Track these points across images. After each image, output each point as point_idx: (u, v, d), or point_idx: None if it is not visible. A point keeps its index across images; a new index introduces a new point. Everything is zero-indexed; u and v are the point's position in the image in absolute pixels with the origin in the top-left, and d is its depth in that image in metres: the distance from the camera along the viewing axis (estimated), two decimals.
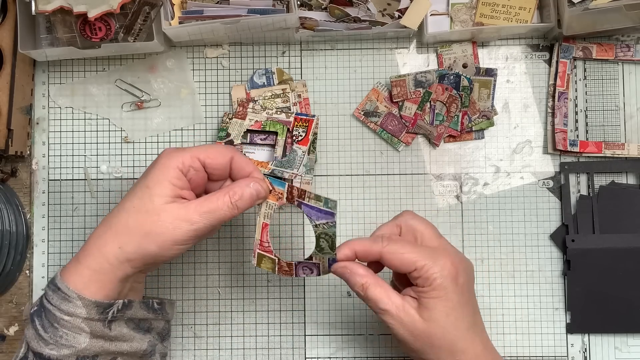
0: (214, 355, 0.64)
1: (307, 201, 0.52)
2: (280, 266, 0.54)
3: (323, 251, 0.52)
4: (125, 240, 0.48)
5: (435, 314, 0.49)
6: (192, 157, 0.49)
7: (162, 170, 0.48)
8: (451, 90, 0.63)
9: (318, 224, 0.51)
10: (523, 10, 0.63)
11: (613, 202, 0.63)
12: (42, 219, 0.65)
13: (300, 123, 0.62)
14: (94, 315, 0.47)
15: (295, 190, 0.52)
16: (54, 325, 0.47)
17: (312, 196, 0.51)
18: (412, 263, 0.49)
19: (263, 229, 0.53)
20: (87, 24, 0.60)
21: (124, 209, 0.48)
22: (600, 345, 0.63)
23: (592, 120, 0.64)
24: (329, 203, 0.51)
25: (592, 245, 0.62)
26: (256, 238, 0.53)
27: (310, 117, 0.63)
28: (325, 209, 0.51)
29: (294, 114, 0.63)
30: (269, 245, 0.53)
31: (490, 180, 0.64)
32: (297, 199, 0.52)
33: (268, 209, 0.53)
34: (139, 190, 0.48)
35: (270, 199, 0.53)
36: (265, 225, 0.54)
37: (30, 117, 0.66)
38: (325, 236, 0.51)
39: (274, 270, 0.54)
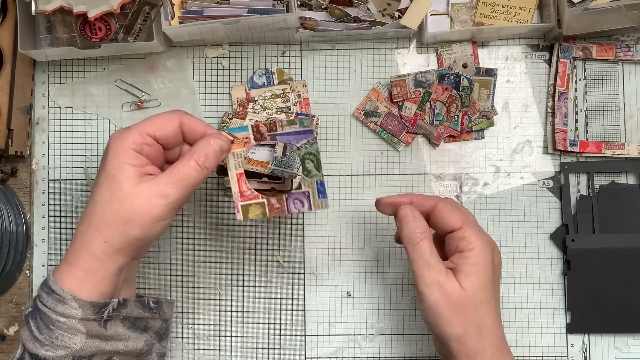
0: (214, 355, 0.64)
1: (280, 131, 0.52)
2: (271, 205, 0.53)
3: (310, 174, 0.53)
4: (108, 233, 0.47)
5: (473, 283, 0.50)
6: (141, 134, 0.48)
7: (117, 155, 0.48)
8: (451, 90, 0.63)
9: (299, 145, 0.52)
10: (523, 10, 0.63)
11: (613, 202, 0.63)
12: (42, 219, 0.65)
13: None
14: (89, 315, 0.47)
15: (262, 127, 0.52)
16: (49, 327, 0.47)
17: (285, 123, 0.52)
18: (460, 221, 0.51)
19: (239, 179, 0.53)
20: (87, 24, 0.60)
21: (97, 204, 0.48)
22: (600, 345, 0.63)
23: (592, 120, 0.64)
24: (304, 122, 0.52)
25: (592, 245, 0.62)
26: (234, 192, 0.53)
27: (311, 117, 0.62)
28: (302, 129, 0.52)
29: (294, 114, 0.62)
30: (251, 192, 0.53)
31: (490, 180, 0.64)
32: (269, 133, 0.52)
33: (237, 159, 0.53)
34: (103, 181, 0.48)
35: (236, 148, 0.53)
36: (241, 175, 0.53)
37: (30, 117, 0.66)
38: (310, 155, 0.52)
39: (264, 215, 0.53)
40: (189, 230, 0.65)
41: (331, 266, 0.64)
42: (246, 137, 0.52)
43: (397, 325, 0.64)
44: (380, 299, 0.64)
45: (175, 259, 0.65)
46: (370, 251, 0.64)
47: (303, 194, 0.53)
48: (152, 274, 0.65)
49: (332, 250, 0.64)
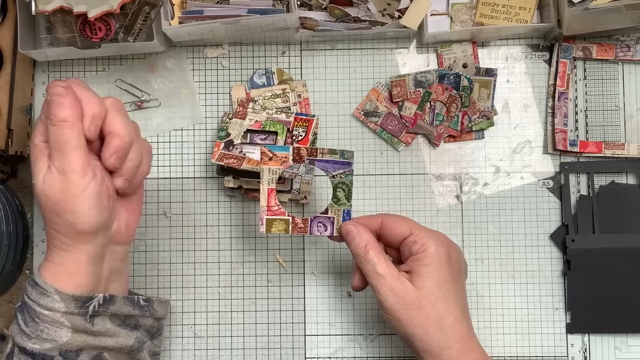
0: (214, 355, 0.64)
1: (320, 157, 0.55)
2: (295, 224, 0.56)
3: (339, 202, 0.56)
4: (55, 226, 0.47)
5: (427, 282, 0.51)
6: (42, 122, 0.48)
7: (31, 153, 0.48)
8: (451, 90, 0.63)
9: (335, 174, 0.55)
10: (523, 10, 0.63)
11: (613, 202, 0.63)
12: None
13: (300, 123, 0.62)
14: (72, 309, 0.47)
15: (303, 151, 0.55)
16: (35, 319, 0.47)
17: (326, 151, 0.55)
18: (409, 228, 0.53)
19: (269, 194, 0.55)
20: (87, 24, 0.60)
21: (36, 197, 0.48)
22: (600, 345, 0.63)
23: (592, 120, 0.64)
24: (345, 154, 0.55)
25: (592, 245, 0.62)
26: (262, 205, 0.55)
27: (310, 117, 0.63)
28: (342, 160, 0.55)
29: (294, 114, 0.63)
30: (279, 208, 0.55)
31: (490, 180, 0.64)
32: (308, 157, 0.55)
33: (272, 174, 0.55)
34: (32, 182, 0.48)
35: (273, 164, 0.55)
36: (272, 190, 0.55)
37: (30, 117, 0.65)
38: (342, 185, 0.55)
39: (287, 231, 0.56)
40: (189, 230, 0.65)
41: (331, 266, 0.64)
42: (285, 157, 0.55)
43: None
44: None
45: (175, 259, 0.65)
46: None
47: (328, 219, 0.56)
48: (152, 274, 0.65)
49: (332, 250, 0.64)
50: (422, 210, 0.64)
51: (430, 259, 0.51)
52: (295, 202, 0.64)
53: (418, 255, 0.52)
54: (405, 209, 0.64)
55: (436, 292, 0.50)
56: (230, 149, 0.62)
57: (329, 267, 0.64)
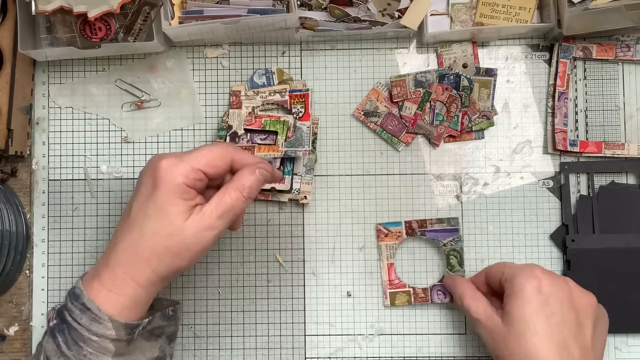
0: (214, 355, 0.64)
1: (430, 227, 0.61)
2: (416, 294, 0.61)
3: (454, 269, 0.61)
4: (157, 263, 0.48)
5: (513, 318, 0.51)
6: (194, 169, 0.48)
7: (169, 189, 0.47)
8: (451, 90, 0.63)
9: (445, 242, 0.60)
10: (523, 10, 0.63)
11: (613, 202, 0.63)
12: (42, 219, 0.65)
13: (297, 99, 0.63)
14: (122, 336, 0.47)
15: (414, 224, 0.61)
16: (79, 344, 0.47)
17: (434, 221, 0.61)
18: (501, 268, 0.55)
19: (389, 269, 0.61)
20: (87, 24, 0.60)
21: (146, 235, 0.47)
22: None
23: (592, 120, 0.64)
24: (451, 222, 0.61)
25: (592, 245, 0.62)
26: (384, 280, 0.62)
27: (304, 92, 0.63)
28: (449, 227, 0.61)
29: (288, 92, 0.63)
30: (399, 281, 0.61)
31: (490, 180, 0.64)
32: (419, 229, 0.61)
33: (389, 250, 0.61)
34: (153, 214, 0.47)
35: (389, 241, 0.61)
36: (391, 265, 0.61)
37: (30, 117, 0.66)
38: (454, 252, 0.60)
39: (409, 302, 0.61)
40: None
41: (331, 266, 0.64)
42: (399, 232, 0.60)
43: (397, 325, 0.64)
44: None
45: None
46: (370, 251, 0.64)
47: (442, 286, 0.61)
48: None
49: (332, 250, 0.64)
50: (422, 210, 0.64)
51: (516, 294, 0.52)
52: (295, 202, 0.64)
53: (507, 292, 0.53)
54: (405, 209, 0.64)
55: (522, 327, 0.51)
56: (237, 140, 0.62)
57: (329, 267, 0.64)
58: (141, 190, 0.49)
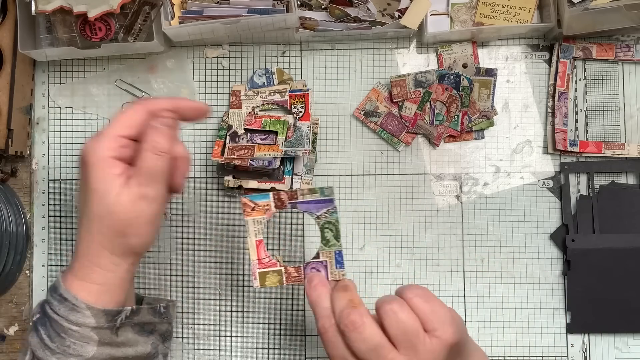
0: (214, 355, 0.64)
1: (301, 199, 0.52)
2: (289, 274, 0.53)
3: (329, 243, 0.52)
4: (110, 245, 0.47)
5: None
6: (114, 138, 0.47)
7: (96, 167, 0.46)
8: (451, 90, 0.63)
9: (319, 215, 0.52)
10: (523, 10, 0.63)
11: (613, 202, 0.63)
12: (42, 219, 0.65)
13: (297, 99, 0.63)
14: (103, 323, 0.47)
15: (283, 195, 0.52)
16: (61, 335, 0.47)
17: (306, 191, 0.52)
18: None
19: (258, 246, 0.53)
20: (87, 24, 0.60)
21: (91, 220, 0.47)
22: (600, 345, 0.63)
23: (592, 120, 0.64)
24: (325, 191, 0.51)
25: (592, 245, 0.62)
26: (252, 259, 0.53)
27: (304, 92, 0.63)
28: (323, 198, 0.52)
29: (288, 92, 0.63)
30: (269, 259, 0.53)
31: (490, 180, 0.64)
32: (289, 201, 0.52)
33: (257, 225, 0.53)
34: (90, 197, 0.47)
35: (257, 215, 0.53)
36: (260, 242, 0.53)
37: (30, 117, 0.66)
38: (329, 225, 0.52)
39: (281, 283, 0.53)
40: (189, 230, 0.65)
41: None
42: (267, 205, 0.52)
43: None
44: None
45: (175, 259, 0.65)
46: (370, 251, 0.64)
47: (320, 263, 0.53)
48: (152, 274, 0.65)
49: None
50: (422, 210, 0.64)
51: None
52: None
53: None
54: (405, 208, 0.64)
55: None
56: (237, 140, 0.62)
57: None
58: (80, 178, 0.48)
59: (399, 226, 0.64)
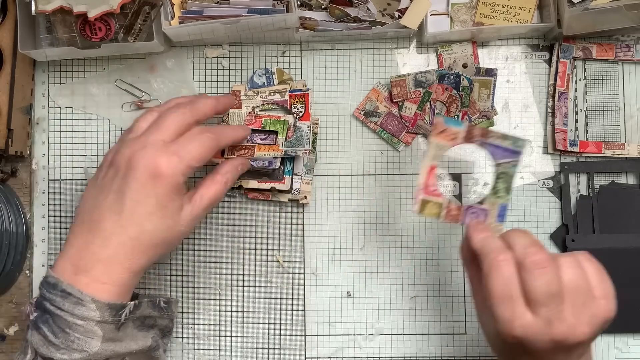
0: (214, 355, 0.64)
1: (491, 141, 0.52)
2: (449, 210, 0.53)
3: (498, 194, 0.52)
4: (153, 254, 0.50)
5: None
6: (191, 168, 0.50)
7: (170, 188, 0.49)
8: (451, 90, 0.63)
9: (501, 162, 0.52)
10: (523, 10, 0.63)
11: (613, 202, 0.63)
12: (42, 219, 0.65)
13: (297, 99, 0.63)
14: (107, 317, 0.48)
15: (477, 130, 0.52)
16: (65, 330, 0.47)
17: (499, 135, 0.52)
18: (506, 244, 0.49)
19: (430, 172, 0.52)
20: (87, 24, 0.60)
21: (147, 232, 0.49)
22: (600, 345, 0.63)
23: (592, 120, 0.64)
24: (517, 142, 0.51)
25: (592, 245, 0.62)
26: (419, 182, 0.52)
27: (304, 92, 0.63)
28: (512, 147, 0.52)
29: (288, 92, 0.63)
30: (435, 189, 0.52)
31: (490, 180, 0.64)
32: (480, 138, 0.52)
33: (437, 150, 0.52)
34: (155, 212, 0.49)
35: (442, 139, 0.52)
36: (433, 167, 0.52)
37: (30, 117, 0.66)
38: (505, 176, 0.52)
39: (438, 216, 0.53)
40: None
41: (331, 266, 0.64)
42: (456, 133, 0.51)
43: (397, 325, 0.64)
44: (380, 299, 0.64)
45: (175, 259, 0.65)
46: (370, 251, 0.64)
47: (482, 210, 0.53)
48: (152, 274, 0.65)
49: (332, 250, 0.64)
50: None
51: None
52: (295, 202, 0.64)
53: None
54: (405, 208, 0.64)
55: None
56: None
57: (329, 267, 0.64)
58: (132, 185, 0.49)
59: (399, 226, 0.64)
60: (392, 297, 0.64)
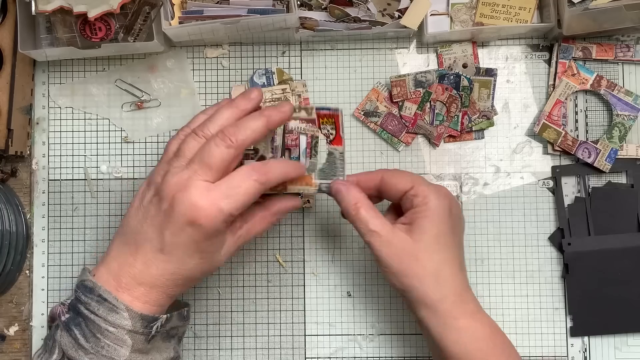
0: (214, 355, 0.64)
1: (615, 92, 0.61)
2: (566, 138, 0.61)
3: (612, 139, 0.61)
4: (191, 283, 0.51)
5: (426, 234, 0.50)
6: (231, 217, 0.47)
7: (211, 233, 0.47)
8: (451, 90, 0.63)
9: (620, 114, 0.61)
10: (523, 10, 0.63)
11: (606, 202, 0.63)
12: (42, 219, 0.65)
13: (327, 120, 0.54)
14: (138, 328, 0.48)
15: (604, 81, 0.61)
16: (97, 335, 0.47)
17: (623, 90, 0.61)
18: (410, 181, 0.52)
19: (555, 104, 0.60)
20: (87, 24, 0.60)
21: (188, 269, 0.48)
22: (600, 345, 0.63)
23: (592, 120, 0.64)
24: (638, 100, 0.61)
25: (588, 247, 0.62)
26: (545, 110, 0.61)
27: (333, 112, 0.54)
28: (632, 103, 0.61)
29: (314, 109, 0.54)
30: (558, 119, 0.59)
31: (490, 180, 0.64)
32: (606, 88, 0.61)
33: (567, 89, 0.60)
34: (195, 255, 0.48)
35: (573, 81, 0.61)
36: (559, 102, 0.60)
37: (30, 117, 0.66)
38: (621, 126, 0.60)
39: (555, 142, 0.61)
40: None
41: (331, 266, 0.64)
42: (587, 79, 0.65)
43: (397, 325, 0.64)
44: (380, 299, 0.64)
45: None
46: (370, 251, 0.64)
47: (595, 148, 0.61)
48: None
49: (332, 250, 0.64)
50: None
51: (431, 212, 0.51)
52: None
53: (419, 208, 0.51)
54: None
55: (434, 244, 0.50)
56: None
57: (329, 267, 0.64)
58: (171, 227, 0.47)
59: None
60: (392, 297, 0.64)
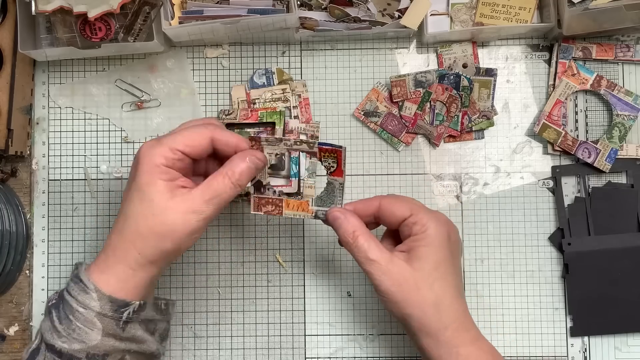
0: (214, 355, 0.64)
1: (615, 92, 0.61)
2: (566, 138, 0.61)
3: (612, 139, 0.61)
4: (142, 246, 0.48)
5: (426, 263, 0.50)
6: (172, 149, 0.48)
7: (147, 169, 0.48)
8: (451, 90, 0.63)
9: (620, 113, 0.61)
10: (523, 10, 0.63)
11: (606, 202, 0.63)
12: (42, 219, 0.65)
13: (328, 154, 0.54)
14: (107, 310, 0.48)
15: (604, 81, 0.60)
16: (69, 317, 0.48)
17: (623, 90, 0.61)
18: (408, 209, 0.52)
19: (555, 104, 0.60)
20: (87, 24, 0.60)
21: (129, 217, 0.48)
22: (600, 345, 0.63)
23: (592, 120, 0.64)
24: (638, 100, 0.61)
25: (588, 247, 0.62)
26: (544, 110, 0.61)
27: (337, 148, 0.53)
28: (632, 103, 0.61)
29: (317, 144, 0.54)
30: (558, 119, 0.60)
31: (490, 180, 0.64)
32: (606, 88, 0.60)
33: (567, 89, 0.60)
34: (135, 195, 0.48)
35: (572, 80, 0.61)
36: (559, 102, 0.59)
37: (30, 117, 0.66)
38: (621, 126, 0.60)
39: (555, 142, 0.61)
40: None
41: (331, 266, 0.64)
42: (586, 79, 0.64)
43: (397, 325, 0.64)
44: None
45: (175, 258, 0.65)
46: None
47: (594, 148, 0.61)
48: None
49: (332, 250, 0.64)
50: None
51: (431, 239, 0.51)
52: None
53: (418, 236, 0.51)
54: None
55: (434, 272, 0.50)
56: (263, 191, 0.55)
57: (329, 267, 0.64)
58: (129, 179, 0.50)
59: None
60: None
